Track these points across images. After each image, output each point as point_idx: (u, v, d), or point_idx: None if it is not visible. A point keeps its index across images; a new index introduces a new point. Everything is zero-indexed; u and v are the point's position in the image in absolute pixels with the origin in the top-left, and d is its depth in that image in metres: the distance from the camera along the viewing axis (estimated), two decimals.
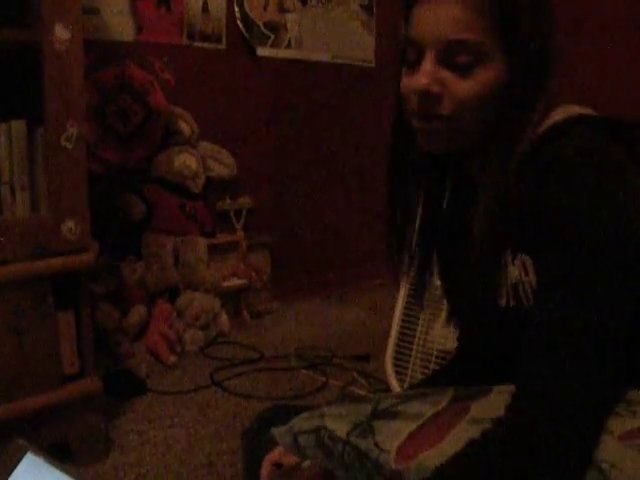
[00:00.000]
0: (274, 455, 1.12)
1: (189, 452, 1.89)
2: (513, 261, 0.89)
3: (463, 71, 0.88)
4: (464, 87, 0.88)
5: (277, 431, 1.04)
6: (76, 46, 1.63)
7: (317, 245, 3.60)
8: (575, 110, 0.92)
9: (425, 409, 0.90)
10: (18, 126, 1.64)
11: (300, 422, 1.01)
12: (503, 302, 0.91)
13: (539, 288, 0.86)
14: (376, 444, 0.88)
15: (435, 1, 0.88)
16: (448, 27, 0.87)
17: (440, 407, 0.90)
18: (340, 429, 0.93)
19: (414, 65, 0.92)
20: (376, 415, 0.93)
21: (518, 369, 0.83)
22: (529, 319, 0.84)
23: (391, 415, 0.92)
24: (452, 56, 0.88)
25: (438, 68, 0.89)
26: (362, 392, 2.30)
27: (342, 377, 2.44)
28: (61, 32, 1.59)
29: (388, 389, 2.09)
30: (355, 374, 2.45)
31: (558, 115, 0.90)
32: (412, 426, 0.88)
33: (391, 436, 0.88)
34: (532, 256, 0.87)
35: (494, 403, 0.86)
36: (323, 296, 3.49)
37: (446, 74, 0.89)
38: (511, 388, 0.85)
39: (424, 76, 0.89)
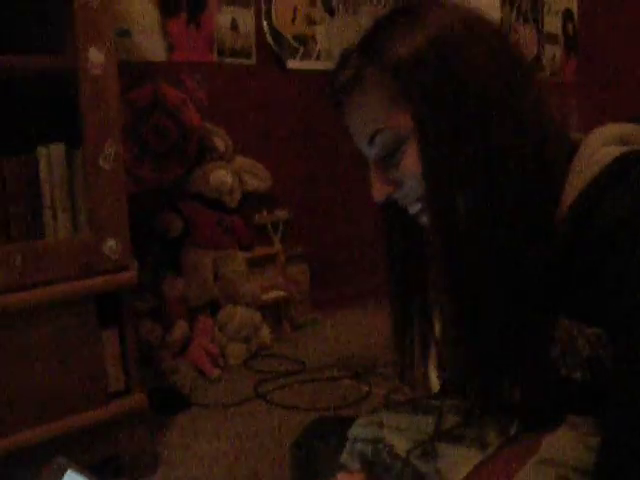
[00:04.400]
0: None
1: (235, 465, 1.90)
2: (581, 333, 0.81)
3: (395, 158, 0.86)
4: (406, 171, 0.85)
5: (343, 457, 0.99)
6: (110, 69, 1.66)
7: (354, 254, 3.60)
8: (616, 135, 0.81)
9: (492, 437, 0.87)
10: (57, 149, 1.67)
11: (358, 429, 0.98)
12: (578, 376, 0.82)
13: (617, 366, 0.76)
14: (438, 471, 0.86)
15: (345, 113, 0.90)
16: (361, 132, 0.88)
17: (508, 435, 0.86)
18: (400, 445, 0.91)
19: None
20: (439, 436, 0.89)
21: (601, 453, 0.75)
22: (610, 398, 0.75)
23: (455, 439, 0.88)
24: (379, 150, 0.87)
25: (379, 168, 0.89)
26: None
27: (385, 385, 2.43)
28: (95, 56, 1.62)
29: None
30: (398, 381, 2.44)
31: (600, 154, 0.79)
32: (478, 456, 0.85)
33: (455, 464, 0.85)
34: (606, 329, 0.77)
35: (564, 442, 0.81)
36: (363, 305, 3.48)
37: (387, 169, 0.88)
38: (581, 423, 0.80)
39: (375, 193, 0.90)
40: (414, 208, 0.88)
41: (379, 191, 0.89)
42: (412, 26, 0.82)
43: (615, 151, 0.78)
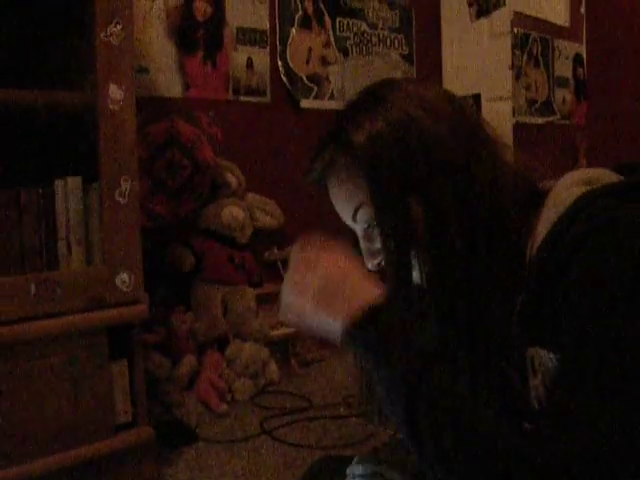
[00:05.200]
0: None
1: None
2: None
3: (377, 230, 0.94)
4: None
5: None
6: (129, 105, 1.70)
7: None
8: (583, 178, 0.87)
9: None
10: (74, 182, 1.70)
11: (357, 466, 1.00)
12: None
13: (559, 379, 0.78)
14: None
15: (329, 195, 1.02)
16: (344, 211, 1.01)
17: None
18: None
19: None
20: None
21: None
22: (545, 411, 0.79)
23: None
24: (362, 225, 0.97)
25: (367, 240, 0.99)
26: None
27: (392, 424, 2.41)
28: (115, 92, 1.66)
29: None
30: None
31: (566, 194, 0.85)
32: None
33: None
34: (555, 350, 0.81)
35: None
36: None
37: (374, 241, 0.97)
38: None
39: (367, 264, 0.99)
40: None
41: (370, 262, 0.98)
42: (374, 112, 0.91)
43: (578, 191, 0.84)
